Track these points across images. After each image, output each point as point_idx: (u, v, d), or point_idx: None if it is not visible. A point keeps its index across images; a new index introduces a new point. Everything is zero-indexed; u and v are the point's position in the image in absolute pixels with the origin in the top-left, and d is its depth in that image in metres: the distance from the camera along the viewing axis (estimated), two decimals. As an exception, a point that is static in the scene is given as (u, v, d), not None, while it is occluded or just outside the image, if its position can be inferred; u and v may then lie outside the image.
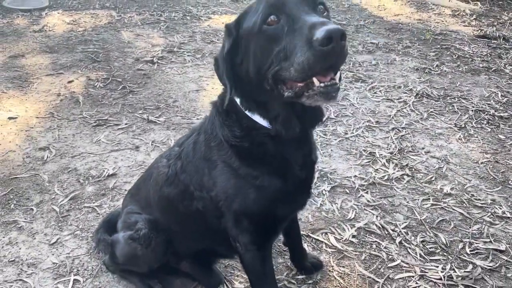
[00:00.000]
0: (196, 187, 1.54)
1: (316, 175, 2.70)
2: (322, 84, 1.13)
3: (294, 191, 1.48)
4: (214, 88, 3.94)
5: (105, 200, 2.48)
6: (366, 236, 2.29)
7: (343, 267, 2.10)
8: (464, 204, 2.55)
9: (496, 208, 2.52)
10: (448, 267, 2.10)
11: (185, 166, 1.58)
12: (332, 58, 1.08)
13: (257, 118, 1.35)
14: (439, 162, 2.94)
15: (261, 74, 1.23)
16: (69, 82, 3.91)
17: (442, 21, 6.23)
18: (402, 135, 3.26)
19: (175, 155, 1.66)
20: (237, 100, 1.38)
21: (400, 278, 2.04)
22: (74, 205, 2.44)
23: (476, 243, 2.26)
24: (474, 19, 6.31)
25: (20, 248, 2.14)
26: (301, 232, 2.17)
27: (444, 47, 5.17)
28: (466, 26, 6.02)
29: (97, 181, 2.63)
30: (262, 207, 1.44)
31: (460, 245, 2.25)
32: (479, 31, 5.78)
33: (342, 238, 2.26)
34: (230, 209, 1.46)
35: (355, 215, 2.43)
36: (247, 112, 1.36)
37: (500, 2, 7.29)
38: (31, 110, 3.41)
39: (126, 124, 3.28)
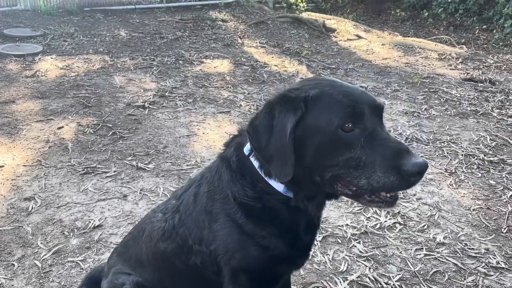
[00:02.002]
0: (195, 241, 1.48)
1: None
2: (388, 195, 1.23)
3: (296, 254, 1.48)
4: (205, 133, 3.94)
5: (89, 254, 2.40)
6: (359, 290, 2.22)
7: (336, 324, 2.02)
8: (458, 254, 2.51)
9: (490, 258, 2.47)
10: (444, 323, 2.04)
11: (184, 219, 1.53)
12: (413, 185, 1.18)
13: (274, 183, 1.35)
14: (431, 209, 2.91)
15: (318, 168, 1.24)
16: (59, 128, 3.90)
17: (429, 64, 6.38)
18: (393, 181, 3.23)
19: (172, 208, 1.60)
20: (256, 163, 1.37)
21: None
22: (57, 260, 2.36)
23: (472, 297, 2.21)
24: (460, 62, 6.48)
25: (-3, 308, 2.05)
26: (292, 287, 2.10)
27: (432, 90, 5.27)
28: (453, 69, 6.17)
29: (82, 233, 2.56)
30: (263, 266, 1.42)
31: (456, 299, 2.19)
32: (466, 74, 5.91)
33: (334, 292, 2.19)
34: (228, 264, 1.42)
35: (347, 267, 2.37)
36: (264, 176, 1.36)
37: (485, 46, 7.53)
38: (18, 157, 3.37)
39: (114, 171, 3.24)
